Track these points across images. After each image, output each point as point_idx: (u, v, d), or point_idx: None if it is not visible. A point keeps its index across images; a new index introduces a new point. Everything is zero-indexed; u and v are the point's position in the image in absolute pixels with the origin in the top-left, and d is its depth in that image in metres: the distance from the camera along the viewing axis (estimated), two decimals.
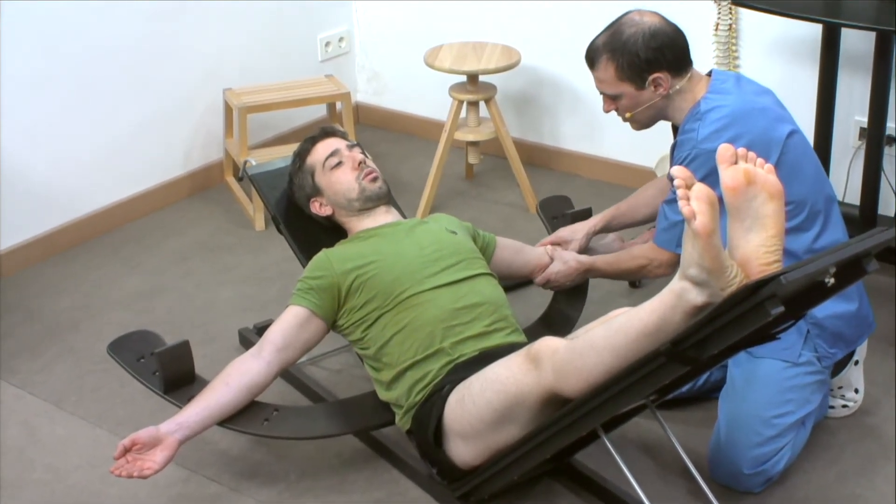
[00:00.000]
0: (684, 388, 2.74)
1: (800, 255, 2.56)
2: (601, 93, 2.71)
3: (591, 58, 2.68)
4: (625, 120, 2.74)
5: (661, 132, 2.91)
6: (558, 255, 2.99)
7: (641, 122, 2.73)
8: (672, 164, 2.91)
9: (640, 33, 2.60)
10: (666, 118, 2.72)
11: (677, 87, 2.64)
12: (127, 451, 2.42)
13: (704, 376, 2.79)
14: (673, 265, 2.74)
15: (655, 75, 2.62)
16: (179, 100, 4.05)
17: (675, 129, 2.73)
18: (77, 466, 2.76)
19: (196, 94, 4.10)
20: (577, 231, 3.06)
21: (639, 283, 3.42)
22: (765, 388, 2.58)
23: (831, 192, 2.70)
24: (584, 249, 3.05)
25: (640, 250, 2.83)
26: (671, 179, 2.96)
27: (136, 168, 3.98)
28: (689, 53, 2.66)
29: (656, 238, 2.77)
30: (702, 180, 2.06)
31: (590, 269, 2.94)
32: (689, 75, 2.66)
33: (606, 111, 2.75)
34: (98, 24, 3.71)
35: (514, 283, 3.35)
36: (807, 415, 2.62)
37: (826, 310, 2.54)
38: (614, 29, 2.65)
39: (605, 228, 3.10)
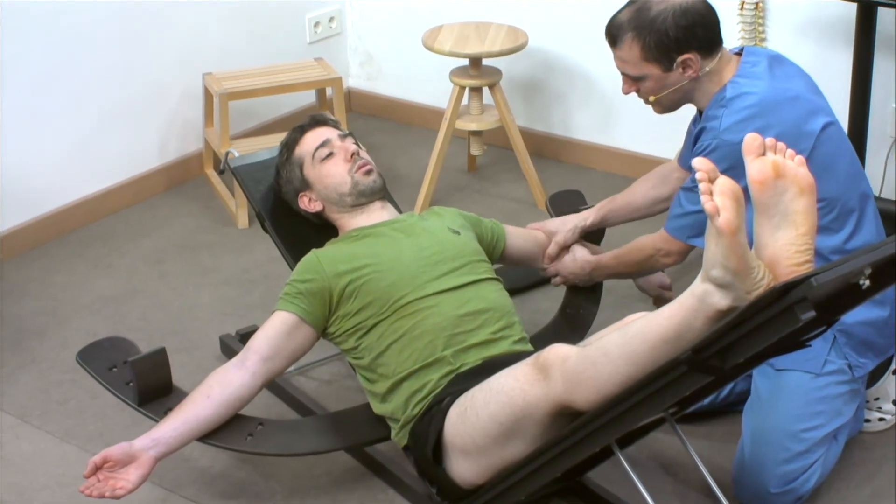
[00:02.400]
0: (706, 401, 2.76)
1: (828, 256, 2.57)
2: (622, 73, 2.71)
3: (614, 35, 2.67)
4: (647, 103, 2.74)
5: (683, 121, 2.91)
6: (573, 249, 3.04)
7: (665, 107, 2.74)
8: (690, 150, 2.93)
9: (670, 10, 2.59)
10: (691, 102, 2.73)
11: (707, 69, 2.64)
12: (98, 468, 2.43)
13: (728, 387, 2.81)
14: (682, 254, 2.78)
15: (685, 56, 2.61)
16: (154, 85, 4.06)
17: (701, 112, 2.74)
18: (44, 486, 2.77)
19: (172, 79, 4.11)
20: (566, 222, 3.08)
21: None
22: (792, 399, 2.59)
23: (867, 189, 2.71)
24: (570, 244, 3.07)
25: (648, 240, 2.86)
26: (689, 169, 2.97)
27: (107, 161, 3.99)
28: (721, 32, 2.66)
29: (667, 224, 2.79)
30: (722, 174, 2.07)
31: (596, 267, 2.97)
32: (719, 56, 2.66)
33: (626, 93, 2.74)
34: (62, 4, 3.71)
35: (522, 285, 3.37)
36: (838, 428, 2.64)
37: (855, 315, 2.53)
38: (640, 3, 2.63)
39: (601, 224, 3.11)
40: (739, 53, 2.70)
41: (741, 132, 2.41)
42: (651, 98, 2.71)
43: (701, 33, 2.61)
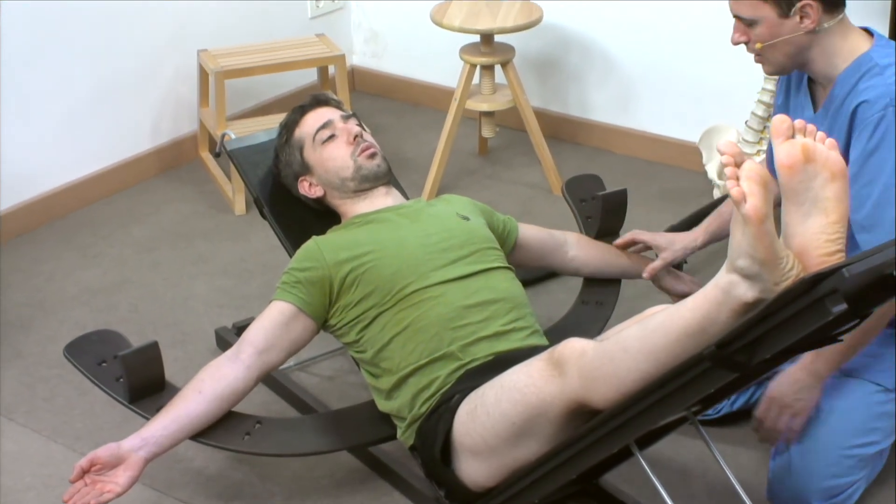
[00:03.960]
0: (737, 404, 2.77)
1: None
2: (735, 16, 2.60)
3: None
4: (755, 52, 2.61)
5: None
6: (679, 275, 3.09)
7: (775, 62, 2.61)
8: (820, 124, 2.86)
9: None
10: (804, 63, 2.61)
11: (825, 25, 2.54)
12: (85, 472, 2.43)
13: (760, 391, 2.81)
14: None
15: (804, 2, 2.51)
16: (145, 63, 4.07)
17: (811, 83, 2.66)
18: (29, 486, 2.78)
19: (165, 56, 4.11)
20: (674, 242, 3.05)
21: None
22: (851, 412, 2.57)
23: None
24: (676, 265, 3.08)
25: None
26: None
27: (95, 143, 4.00)
28: None
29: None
30: None
31: None
32: (840, 17, 2.56)
33: (736, 42, 2.62)
34: None
35: (536, 276, 3.37)
36: (888, 446, 2.64)
37: None
38: None
39: (711, 241, 3.07)
40: (865, 31, 2.63)
41: None
42: (758, 45, 2.58)
43: None
